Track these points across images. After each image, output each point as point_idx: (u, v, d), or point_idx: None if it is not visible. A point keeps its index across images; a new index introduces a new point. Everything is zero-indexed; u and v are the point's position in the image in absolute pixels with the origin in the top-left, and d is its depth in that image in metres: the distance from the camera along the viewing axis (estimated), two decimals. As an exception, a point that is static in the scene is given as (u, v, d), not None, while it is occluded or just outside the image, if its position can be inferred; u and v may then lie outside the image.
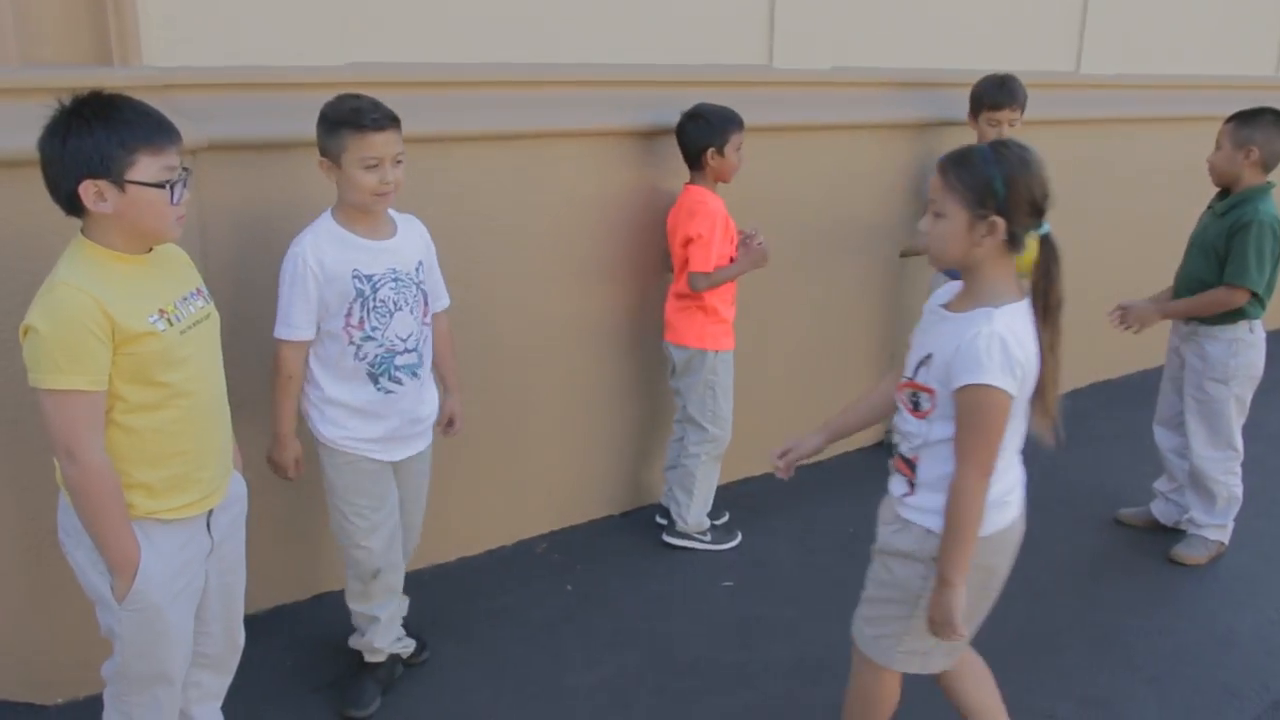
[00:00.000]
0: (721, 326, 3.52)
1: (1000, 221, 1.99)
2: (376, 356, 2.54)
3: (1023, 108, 4.08)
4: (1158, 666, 3.04)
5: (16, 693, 2.74)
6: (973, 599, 2.16)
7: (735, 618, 3.26)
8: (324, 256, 2.48)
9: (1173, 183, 5.32)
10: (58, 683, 2.74)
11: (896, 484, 2.23)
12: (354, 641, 2.82)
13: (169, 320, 1.97)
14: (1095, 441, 4.78)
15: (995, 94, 4.04)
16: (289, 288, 2.49)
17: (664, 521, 3.76)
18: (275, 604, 3.15)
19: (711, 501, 3.68)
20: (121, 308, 1.88)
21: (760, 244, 3.41)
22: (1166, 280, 3.77)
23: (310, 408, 2.62)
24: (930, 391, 2.07)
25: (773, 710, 2.77)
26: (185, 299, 2.04)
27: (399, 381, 2.58)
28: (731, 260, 3.45)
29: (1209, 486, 3.63)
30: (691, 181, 3.48)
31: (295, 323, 2.50)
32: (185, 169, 1.95)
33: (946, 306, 2.13)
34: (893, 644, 2.25)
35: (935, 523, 2.11)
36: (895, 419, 2.23)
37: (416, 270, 2.60)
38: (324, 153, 2.47)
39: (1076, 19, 4.96)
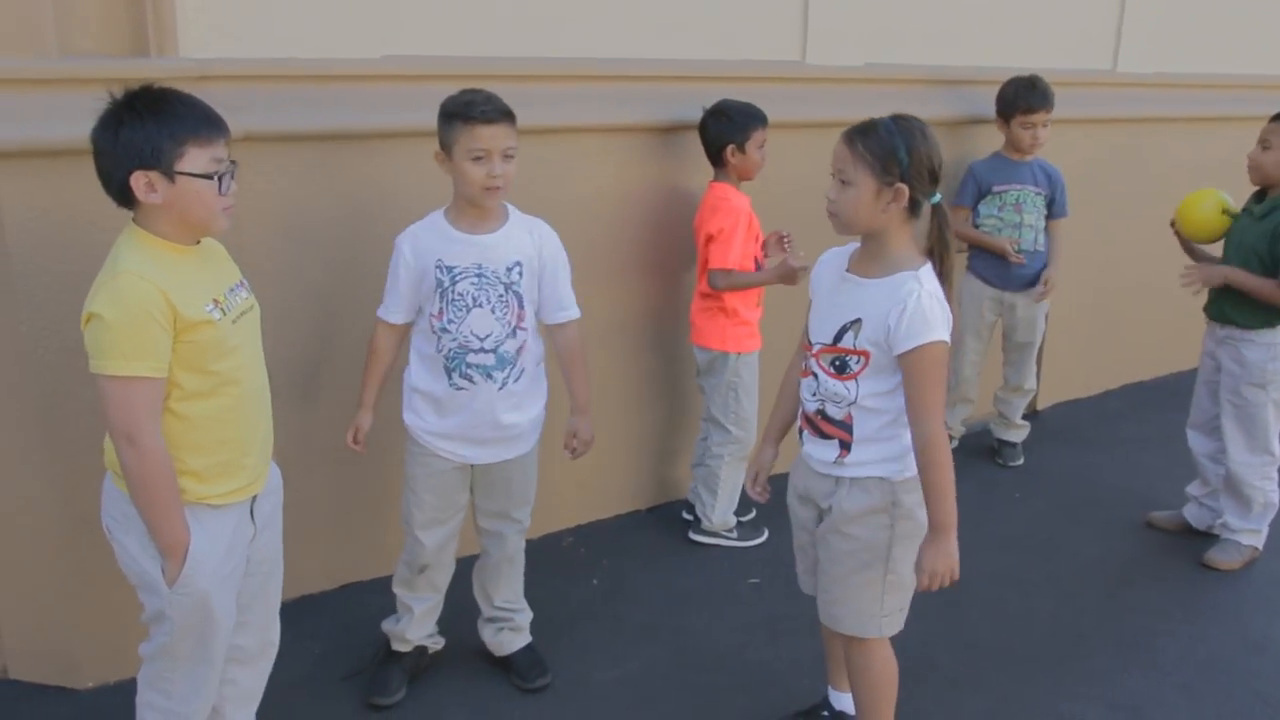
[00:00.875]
0: (745, 328, 3.49)
1: (904, 188, 2.12)
2: (450, 350, 2.56)
3: (1052, 109, 4.07)
4: (1189, 672, 3.00)
5: (49, 676, 2.78)
6: (919, 539, 2.23)
7: (761, 615, 3.25)
8: (417, 246, 2.55)
9: (1209, 183, 5.26)
10: (89, 666, 2.77)
11: (824, 449, 2.29)
12: (387, 625, 2.83)
13: (222, 310, 2.01)
14: (1126, 444, 4.73)
15: (1029, 96, 4.04)
16: (390, 273, 2.60)
17: (690, 518, 3.75)
18: (302, 593, 3.17)
19: (737, 500, 3.67)
20: (181, 296, 1.92)
21: (797, 266, 3.27)
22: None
23: (403, 394, 2.68)
24: (864, 354, 2.18)
25: (799, 707, 2.75)
26: (232, 290, 2.09)
27: (470, 379, 2.57)
28: (757, 263, 3.43)
29: (1245, 492, 3.58)
30: (715, 179, 3.46)
31: (388, 305, 2.62)
32: (232, 161, 1.99)
33: (855, 272, 2.23)
34: (876, 610, 2.32)
35: (885, 469, 2.24)
36: (808, 386, 2.30)
37: (509, 271, 2.57)
38: (441, 144, 2.52)
39: (1114, 17, 4.91)
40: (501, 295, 2.56)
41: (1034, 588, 3.45)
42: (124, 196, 1.93)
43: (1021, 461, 4.47)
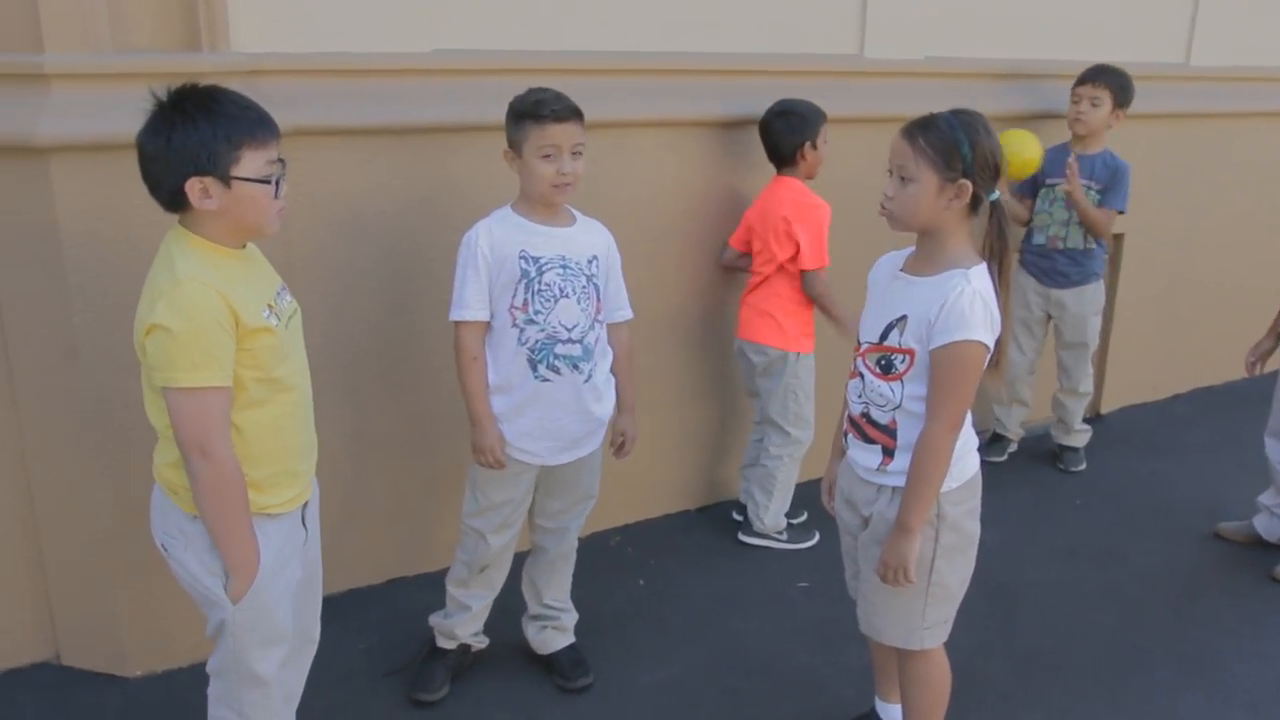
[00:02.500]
0: (804, 329, 3.43)
1: (968, 184, 2.06)
2: (537, 342, 2.52)
3: (1108, 90, 3.93)
4: (1256, 692, 2.88)
5: (98, 664, 2.82)
6: (967, 552, 2.25)
7: (809, 619, 3.19)
8: (494, 238, 2.51)
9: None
10: (137, 656, 2.80)
11: (867, 455, 2.24)
12: (435, 620, 2.82)
13: (276, 315, 1.96)
14: (1194, 450, 4.58)
15: (1086, 71, 3.98)
16: (462, 270, 2.53)
17: (740, 519, 3.70)
18: (349, 587, 3.19)
19: (790, 501, 3.62)
20: (240, 302, 1.86)
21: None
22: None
23: None
24: (908, 353, 2.13)
25: (845, 716, 2.70)
26: (279, 293, 2.03)
27: (557, 370, 2.54)
28: None
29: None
30: (783, 174, 3.39)
31: (469, 303, 2.51)
32: (282, 161, 1.93)
33: (908, 271, 2.18)
34: (918, 622, 2.26)
35: None
36: (854, 388, 2.26)
37: (589, 263, 2.57)
38: (510, 143, 2.51)
39: (1188, 7, 4.74)
40: (584, 286, 2.55)
41: (1093, 599, 3.34)
42: (175, 202, 1.86)
43: (1083, 467, 4.35)
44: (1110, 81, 3.94)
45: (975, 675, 2.84)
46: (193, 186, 1.82)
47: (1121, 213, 4.02)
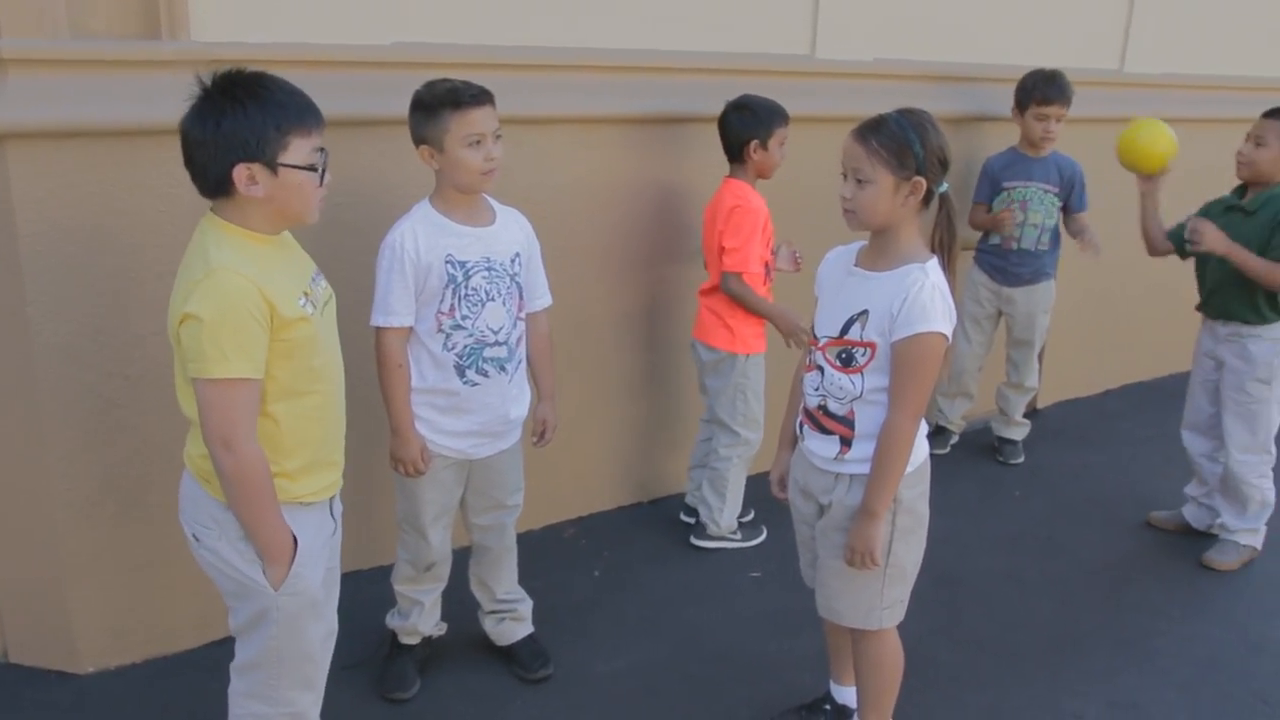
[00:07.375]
0: (754, 329, 3.43)
1: (922, 181, 2.12)
2: (465, 347, 2.51)
3: (1069, 105, 4.06)
4: (1187, 672, 3.01)
5: (49, 660, 2.78)
6: (918, 533, 2.33)
7: (762, 609, 3.25)
8: (419, 242, 2.44)
9: (1213, 186, 5.26)
10: (89, 651, 2.76)
11: (824, 445, 2.30)
12: (393, 622, 2.82)
13: (312, 303, 1.94)
14: (1126, 443, 4.75)
15: (1046, 88, 4.05)
16: (386, 274, 2.46)
17: (690, 520, 3.71)
18: (305, 580, 3.16)
19: (741, 501, 3.63)
20: (276, 292, 1.84)
21: (803, 328, 3.22)
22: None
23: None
24: (870, 346, 2.19)
25: (799, 701, 2.76)
26: (314, 279, 2.01)
27: (485, 374, 2.54)
28: (767, 267, 3.39)
29: (1242, 490, 3.59)
30: (732, 175, 3.41)
31: (394, 309, 2.46)
32: (324, 150, 1.92)
33: (862, 266, 2.25)
34: (876, 602, 2.33)
35: None
36: (811, 381, 2.32)
37: (512, 262, 2.55)
38: (423, 140, 2.43)
39: (1122, 16, 4.91)
40: (508, 287, 2.55)
41: (1034, 586, 3.45)
42: (219, 188, 1.84)
43: (1022, 460, 4.48)
44: (1069, 96, 4.06)
45: (925, 659, 2.92)
46: (240, 173, 1.81)
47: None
